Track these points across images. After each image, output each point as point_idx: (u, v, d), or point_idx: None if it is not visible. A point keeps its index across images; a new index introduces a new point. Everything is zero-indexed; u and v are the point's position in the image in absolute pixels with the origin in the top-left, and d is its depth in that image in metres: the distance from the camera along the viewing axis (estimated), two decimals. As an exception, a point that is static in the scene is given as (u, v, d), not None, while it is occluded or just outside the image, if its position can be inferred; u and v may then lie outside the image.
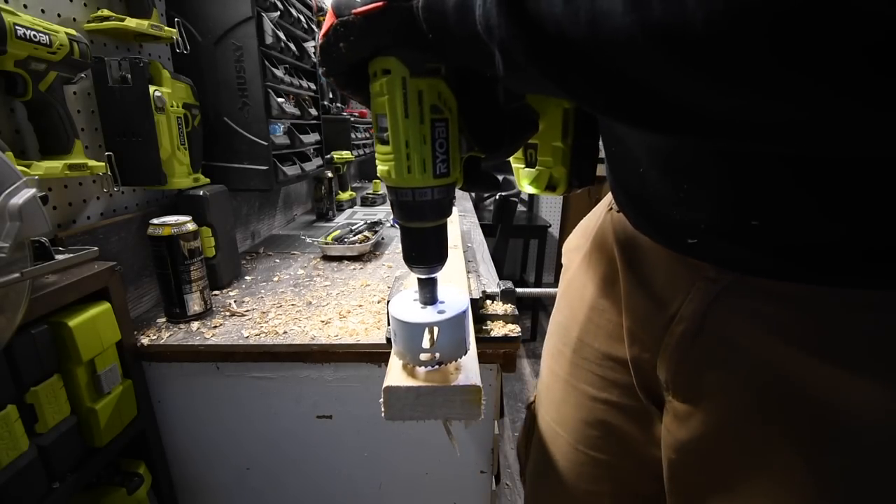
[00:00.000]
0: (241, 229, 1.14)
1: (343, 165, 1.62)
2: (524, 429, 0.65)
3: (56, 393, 0.52)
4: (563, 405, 0.55)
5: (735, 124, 0.21)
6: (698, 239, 0.37)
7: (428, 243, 0.35)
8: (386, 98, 0.29)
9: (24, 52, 0.52)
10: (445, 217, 0.34)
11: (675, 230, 0.39)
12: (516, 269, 3.39)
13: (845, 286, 0.32)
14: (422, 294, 0.37)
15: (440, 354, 0.36)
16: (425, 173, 0.31)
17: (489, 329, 0.65)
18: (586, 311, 0.52)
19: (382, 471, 0.73)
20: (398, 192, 0.32)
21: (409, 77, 0.29)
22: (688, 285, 0.39)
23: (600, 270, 0.51)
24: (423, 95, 0.29)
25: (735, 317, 0.37)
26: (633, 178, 0.41)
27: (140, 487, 0.64)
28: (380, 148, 0.31)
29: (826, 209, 0.30)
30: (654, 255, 0.43)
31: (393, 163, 0.30)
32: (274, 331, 0.70)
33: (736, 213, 0.33)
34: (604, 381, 0.50)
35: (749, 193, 0.32)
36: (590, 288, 0.52)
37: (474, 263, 0.95)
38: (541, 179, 0.45)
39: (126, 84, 0.69)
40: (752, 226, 0.33)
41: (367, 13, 0.27)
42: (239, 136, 0.93)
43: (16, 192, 0.43)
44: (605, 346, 0.50)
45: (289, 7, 1.03)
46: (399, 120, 0.29)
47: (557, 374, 0.56)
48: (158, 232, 0.68)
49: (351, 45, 0.29)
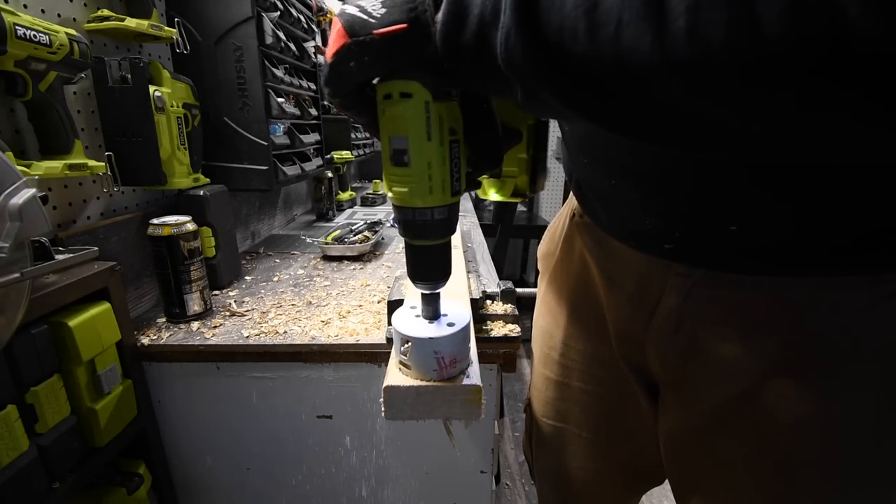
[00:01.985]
0: (241, 229, 1.14)
1: (343, 165, 1.62)
2: (526, 431, 0.67)
3: (56, 393, 0.52)
4: (559, 402, 0.58)
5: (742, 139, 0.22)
6: (674, 245, 0.39)
7: (436, 260, 0.35)
8: (410, 121, 0.29)
9: (24, 52, 0.52)
10: (452, 233, 0.35)
11: (649, 237, 0.41)
12: (516, 269, 3.39)
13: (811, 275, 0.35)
14: (426, 309, 0.38)
15: (457, 366, 0.37)
16: (444, 193, 0.31)
17: (489, 329, 0.65)
18: (566, 315, 0.55)
19: (382, 471, 0.73)
20: (416, 213, 0.32)
21: (433, 101, 0.29)
22: (661, 283, 0.42)
23: (573, 275, 0.54)
24: (443, 118, 0.30)
25: (710, 307, 0.40)
26: (605, 189, 0.43)
27: (140, 487, 0.64)
28: (395, 170, 0.31)
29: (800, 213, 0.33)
30: (625, 257, 0.45)
31: (414, 184, 0.31)
32: (274, 331, 0.70)
33: (714, 221, 0.36)
34: (594, 377, 0.54)
35: (727, 202, 0.35)
36: (566, 293, 0.55)
37: (474, 263, 0.95)
38: (507, 188, 0.48)
39: (126, 84, 0.69)
40: (731, 231, 0.35)
41: (389, 35, 0.27)
42: (239, 136, 0.93)
43: (16, 192, 0.43)
44: (589, 347, 0.53)
45: (289, 7, 1.03)
46: (423, 142, 0.30)
47: (548, 377, 0.58)
48: (158, 232, 0.68)
49: (364, 66, 0.29)
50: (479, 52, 0.25)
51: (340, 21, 0.29)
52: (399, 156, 0.30)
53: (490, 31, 0.24)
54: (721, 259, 0.37)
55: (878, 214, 0.31)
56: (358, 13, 0.28)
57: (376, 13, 0.28)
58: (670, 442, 0.47)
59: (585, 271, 0.52)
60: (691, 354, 0.42)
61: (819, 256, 0.33)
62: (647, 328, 0.44)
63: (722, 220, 0.35)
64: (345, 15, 0.29)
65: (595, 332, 0.52)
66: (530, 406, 0.65)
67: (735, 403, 0.39)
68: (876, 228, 0.31)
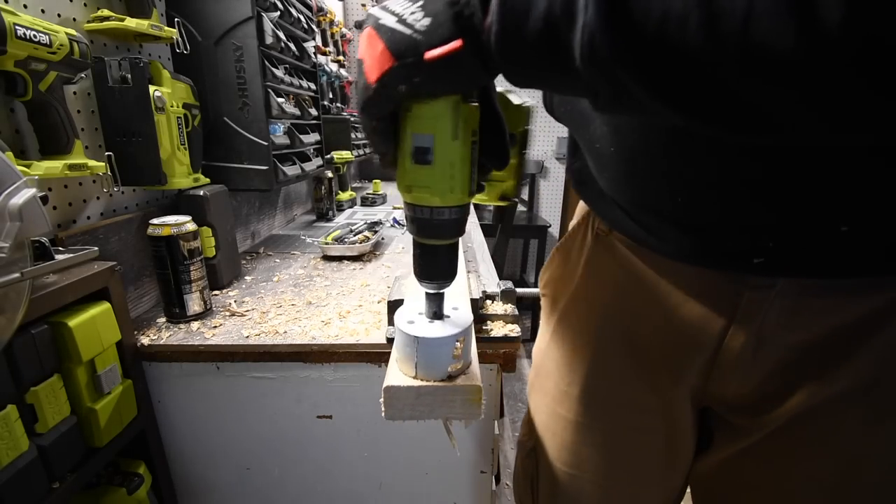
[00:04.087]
0: (241, 229, 1.14)
1: (343, 165, 1.62)
2: (526, 477, 0.59)
3: (56, 393, 0.52)
4: (581, 447, 0.51)
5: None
6: (766, 257, 0.34)
7: (444, 260, 0.35)
8: (438, 120, 0.29)
9: (24, 52, 0.52)
10: (462, 234, 0.35)
11: (734, 253, 0.36)
12: (516, 269, 3.38)
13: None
14: (429, 309, 0.38)
15: (463, 363, 0.37)
16: (463, 193, 0.32)
17: (489, 329, 0.65)
18: (593, 348, 0.48)
19: (382, 471, 0.73)
20: (433, 212, 0.32)
21: (461, 103, 0.29)
22: (731, 299, 0.38)
23: (602, 301, 0.48)
24: (468, 119, 0.30)
25: (795, 319, 0.36)
26: (669, 209, 0.37)
27: (140, 487, 0.64)
28: (415, 168, 0.31)
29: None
30: (681, 277, 0.41)
31: (436, 183, 0.31)
32: (274, 331, 0.70)
33: (822, 223, 0.31)
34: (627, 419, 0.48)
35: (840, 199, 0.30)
36: (593, 322, 0.48)
37: (474, 263, 0.95)
38: (494, 191, 0.49)
39: (126, 84, 0.69)
40: (842, 232, 0.31)
41: (443, 57, 0.25)
42: (239, 136, 0.93)
43: (16, 192, 0.43)
44: (625, 388, 0.47)
45: (289, 7, 1.03)
46: (448, 142, 0.30)
47: (565, 417, 0.52)
48: (158, 232, 0.68)
49: (415, 87, 0.27)
50: (547, 53, 0.23)
51: (381, 38, 0.26)
52: (422, 154, 0.30)
53: (562, 28, 0.22)
54: (821, 265, 0.33)
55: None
56: (398, 27, 0.26)
57: (419, 25, 0.25)
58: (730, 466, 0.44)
59: (621, 297, 0.45)
60: (778, 369, 0.38)
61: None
62: (717, 351, 0.40)
63: (832, 221, 0.31)
64: (383, 29, 0.26)
65: (633, 367, 0.46)
66: (536, 450, 0.56)
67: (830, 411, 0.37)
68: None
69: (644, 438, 0.48)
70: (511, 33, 0.23)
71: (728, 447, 0.44)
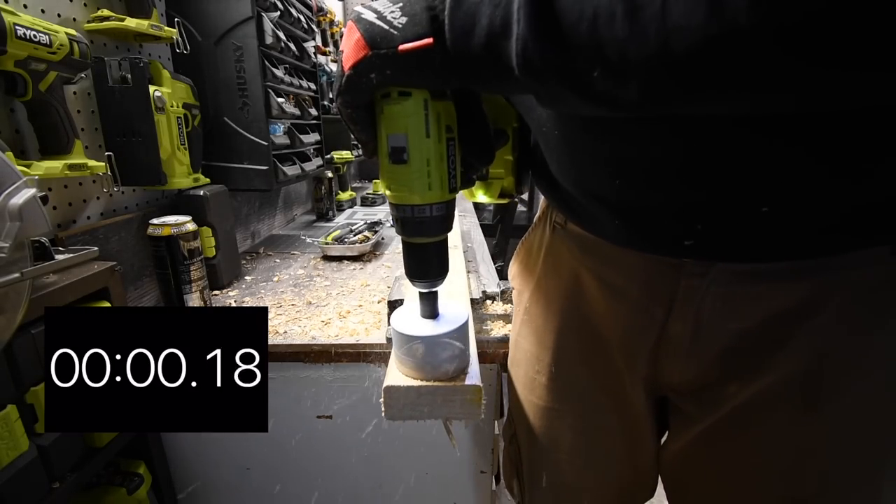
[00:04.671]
0: (241, 229, 1.14)
1: (343, 165, 1.62)
2: (510, 463, 0.61)
3: (56, 393, 0.52)
4: (553, 431, 0.53)
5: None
6: (695, 240, 0.36)
7: (433, 257, 0.35)
8: (409, 119, 0.30)
9: (24, 52, 0.52)
10: (449, 231, 0.35)
11: (665, 236, 0.38)
12: (516, 269, 3.38)
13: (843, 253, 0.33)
14: (424, 308, 0.38)
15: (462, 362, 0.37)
16: (442, 189, 0.32)
17: (489, 329, 0.65)
18: (555, 336, 0.50)
19: (382, 471, 0.73)
20: (415, 210, 0.33)
21: (431, 99, 0.30)
22: (672, 285, 0.39)
23: (561, 291, 0.49)
24: (440, 116, 0.30)
25: (732, 303, 0.37)
26: (609, 192, 0.39)
27: (140, 487, 0.64)
28: (392, 168, 0.31)
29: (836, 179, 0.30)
30: (626, 264, 0.42)
31: (413, 181, 0.31)
32: (274, 331, 0.70)
33: (743, 205, 0.33)
34: (590, 401, 0.50)
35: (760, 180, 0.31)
36: (553, 311, 0.51)
37: (474, 263, 0.95)
38: (493, 189, 0.48)
39: (126, 84, 0.69)
40: (762, 213, 0.32)
41: (415, 51, 0.26)
42: (239, 136, 0.93)
43: (16, 192, 0.43)
44: (584, 370, 0.49)
45: (289, 7, 1.03)
46: (422, 139, 0.30)
47: (536, 404, 0.54)
48: (158, 232, 0.68)
49: (387, 78, 0.28)
50: (492, 64, 0.25)
51: (358, 29, 0.28)
52: (398, 154, 0.31)
53: (501, 40, 0.23)
54: (746, 248, 0.35)
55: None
56: (377, 21, 0.27)
57: (397, 22, 0.27)
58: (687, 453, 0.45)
59: (577, 286, 0.47)
60: (717, 355, 0.39)
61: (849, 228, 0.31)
62: (660, 338, 0.42)
63: (752, 202, 0.32)
64: (362, 22, 0.28)
65: (591, 353, 0.48)
66: (517, 436, 0.59)
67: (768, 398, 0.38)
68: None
69: (606, 419, 0.50)
70: (460, 47, 0.25)
71: (683, 435, 0.46)
